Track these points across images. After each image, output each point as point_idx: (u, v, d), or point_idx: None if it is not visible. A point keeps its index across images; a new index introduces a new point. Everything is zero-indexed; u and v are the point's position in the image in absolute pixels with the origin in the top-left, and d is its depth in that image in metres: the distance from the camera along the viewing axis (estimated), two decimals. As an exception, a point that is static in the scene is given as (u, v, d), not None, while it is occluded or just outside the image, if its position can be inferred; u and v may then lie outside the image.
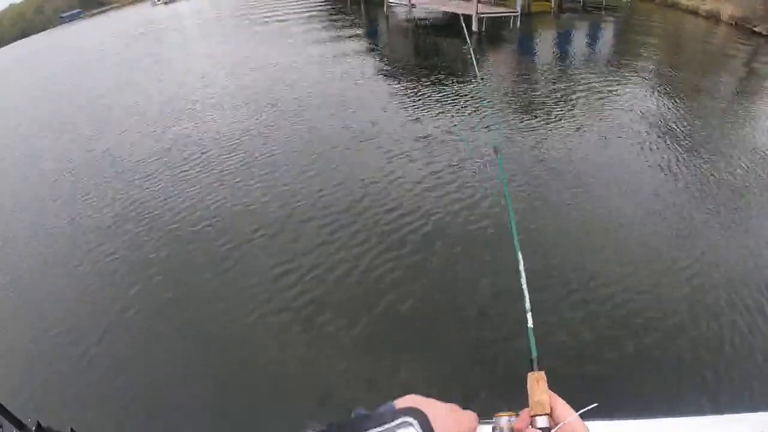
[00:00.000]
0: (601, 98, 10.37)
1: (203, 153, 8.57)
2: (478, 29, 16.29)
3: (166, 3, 31.71)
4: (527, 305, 0.90)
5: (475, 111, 9.61)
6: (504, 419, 0.77)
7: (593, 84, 11.31)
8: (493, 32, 16.66)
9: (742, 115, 9.93)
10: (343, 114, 9.89)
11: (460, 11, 17.25)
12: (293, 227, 6.12)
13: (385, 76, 12.96)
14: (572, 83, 11.46)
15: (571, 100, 10.30)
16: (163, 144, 9.23)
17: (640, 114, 9.47)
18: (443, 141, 8.34)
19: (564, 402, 0.74)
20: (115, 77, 15.44)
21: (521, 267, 0.97)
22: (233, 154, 8.38)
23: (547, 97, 10.55)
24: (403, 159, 7.76)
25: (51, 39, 25.80)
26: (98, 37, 24.87)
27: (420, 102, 10.40)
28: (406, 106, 10.27)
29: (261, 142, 8.76)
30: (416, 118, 9.48)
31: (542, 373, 0.78)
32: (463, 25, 3.16)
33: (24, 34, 25.14)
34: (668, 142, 8.24)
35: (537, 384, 0.76)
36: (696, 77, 12.45)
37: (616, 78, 11.84)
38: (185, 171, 7.93)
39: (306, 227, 6.11)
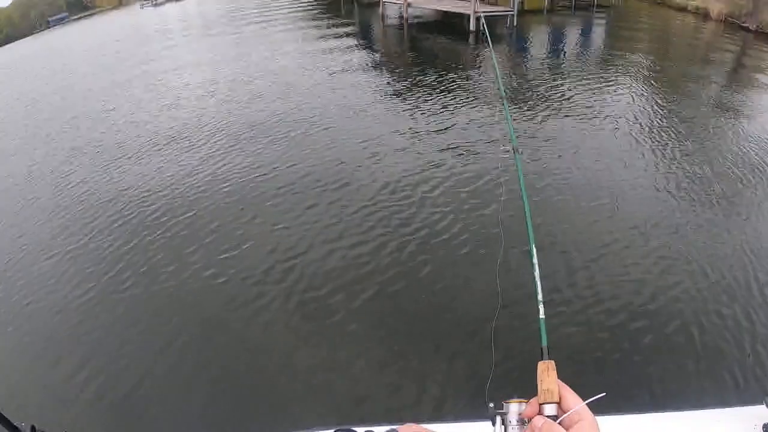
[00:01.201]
0: (599, 95, 10.63)
1: (209, 166, 8.14)
2: (476, 28, 16.48)
3: (154, 5, 31.34)
4: (540, 296, 0.91)
5: (488, 111, 9.68)
6: (513, 406, 0.79)
7: (592, 81, 11.60)
8: (490, 31, 16.88)
9: (733, 105, 10.27)
10: (348, 120, 9.81)
11: (457, 10, 17.44)
12: (314, 242, 5.96)
13: (384, 77, 12.99)
14: (572, 80, 11.71)
15: (573, 96, 10.54)
16: (163, 159, 8.79)
17: (638, 109, 9.75)
18: (457, 141, 8.43)
19: (572, 391, 0.75)
20: (103, 85, 14.90)
21: (535, 260, 0.98)
22: (237, 163, 8.15)
23: (550, 94, 10.75)
24: (417, 159, 7.79)
25: (40, 43, 25.39)
26: (87, 41, 24.50)
27: (425, 102, 10.50)
28: (412, 107, 10.31)
29: (270, 150, 8.61)
30: (425, 120, 9.55)
31: (552, 362, 0.79)
32: (484, 27, 3.19)
33: (10, 39, 24.71)
34: (665, 136, 8.47)
35: (546, 372, 0.77)
36: (689, 72, 12.81)
37: (616, 75, 12.13)
38: (188, 184, 7.63)
39: (333, 240, 5.97)
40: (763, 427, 1.36)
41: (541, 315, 0.90)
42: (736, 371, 3.93)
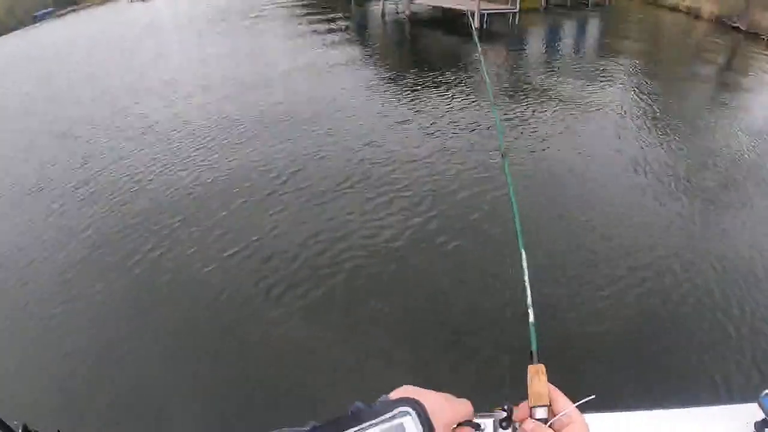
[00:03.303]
0: (598, 95, 10.97)
1: (206, 180, 7.72)
2: (480, 26, 16.76)
3: (143, 0, 30.73)
4: (529, 300, 0.92)
5: (480, 113, 9.65)
6: (503, 412, 0.80)
7: (592, 80, 11.98)
8: (493, 29, 17.21)
9: (723, 105, 10.78)
10: (350, 123, 9.65)
11: (461, 7, 17.66)
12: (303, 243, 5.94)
13: (382, 77, 12.91)
14: (572, 80, 12.02)
15: (569, 96, 10.83)
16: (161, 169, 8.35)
17: (632, 110, 10.10)
18: (447, 142, 8.50)
19: (562, 394, 0.76)
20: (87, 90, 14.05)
21: (524, 263, 0.99)
22: (245, 162, 8.07)
23: (549, 94, 10.99)
24: (407, 163, 7.76)
25: (26, 39, 24.67)
26: (76, 38, 23.84)
27: (421, 103, 10.54)
28: (406, 107, 10.26)
29: (269, 148, 8.54)
30: (421, 121, 9.52)
31: (542, 365, 0.80)
32: (473, 28, 3.18)
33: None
34: (659, 136, 8.79)
35: (536, 376, 0.78)
36: (679, 71, 13.29)
37: (612, 75, 12.55)
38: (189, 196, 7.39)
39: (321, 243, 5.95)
40: (754, 425, 1.37)
41: (531, 319, 0.91)
42: (730, 370, 4.00)
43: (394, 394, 0.62)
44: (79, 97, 13.47)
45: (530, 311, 0.92)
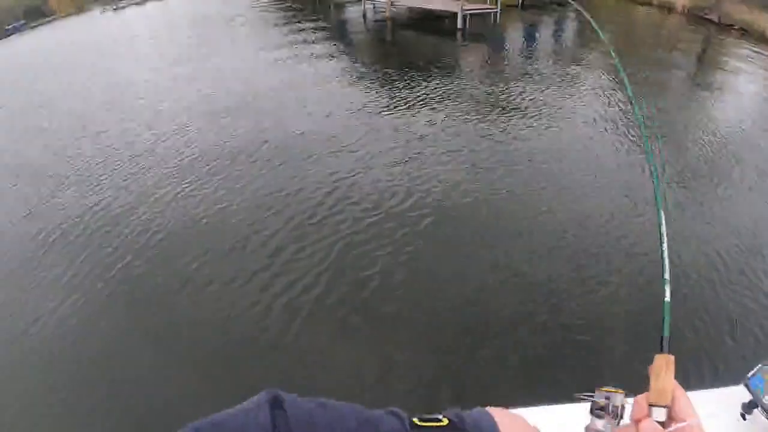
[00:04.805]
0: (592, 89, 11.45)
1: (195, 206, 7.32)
2: (463, 26, 16.96)
3: (114, 10, 30.13)
4: (666, 275, 0.78)
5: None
6: (618, 396, 0.68)
7: (583, 72, 12.54)
8: (476, 29, 17.44)
9: (699, 95, 11.29)
10: (356, 132, 9.37)
11: (445, 8, 17.85)
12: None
13: (382, 85, 12.72)
14: (565, 72, 12.55)
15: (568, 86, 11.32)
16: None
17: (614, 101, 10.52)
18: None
19: (688, 397, 0.65)
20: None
21: (663, 230, 0.82)
22: (240, 172, 8.07)
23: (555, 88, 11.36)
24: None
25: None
26: (49, 52, 23.18)
27: (446, 111, 10.64)
28: (428, 116, 10.16)
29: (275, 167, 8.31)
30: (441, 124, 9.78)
31: (672, 357, 0.68)
32: (589, 18, 3.19)
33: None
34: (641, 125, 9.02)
35: (664, 368, 0.66)
36: (654, 64, 13.60)
37: (601, 66, 13.12)
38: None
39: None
40: (741, 406, 1.38)
41: (667, 298, 0.78)
42: (718, 353, 4.03)
43: (497, 413, 0.62)
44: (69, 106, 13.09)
45: (666, 288, 0.78)
